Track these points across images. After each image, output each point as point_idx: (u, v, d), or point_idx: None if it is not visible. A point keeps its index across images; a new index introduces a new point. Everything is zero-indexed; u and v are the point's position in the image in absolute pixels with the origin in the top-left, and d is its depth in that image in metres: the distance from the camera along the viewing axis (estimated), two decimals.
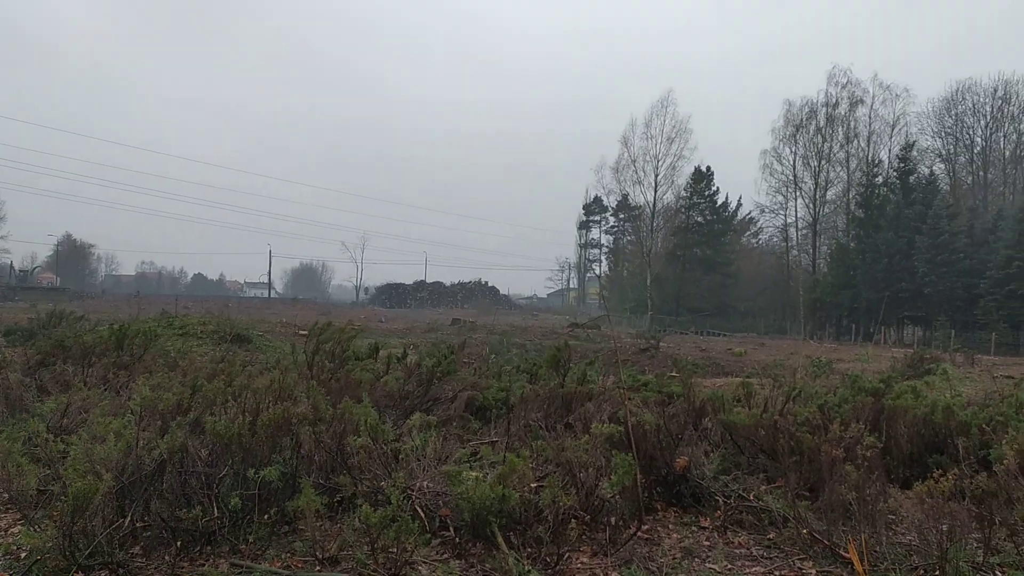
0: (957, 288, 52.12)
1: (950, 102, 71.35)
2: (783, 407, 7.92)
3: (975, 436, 7.52)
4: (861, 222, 62.43)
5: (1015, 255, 46.90)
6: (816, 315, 66.76)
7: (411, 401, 8.73)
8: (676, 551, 5.52)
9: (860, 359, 30.81)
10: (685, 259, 75.46)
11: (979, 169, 72.42)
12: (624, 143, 71.72)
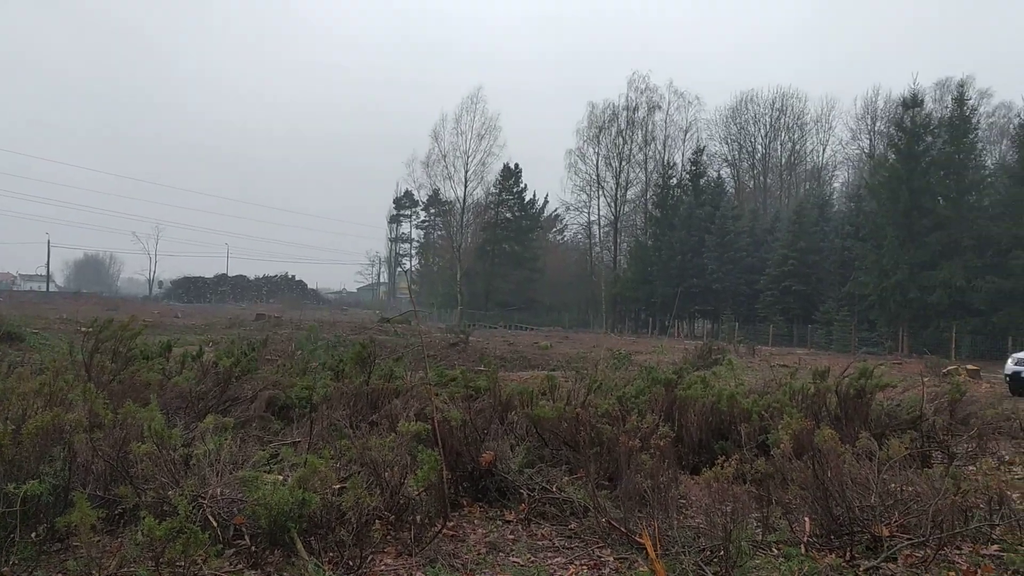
0: (741, 284, 56.45)
1: (735, 111, 77.26)
2: (585, 400, 8.17)
3: (755, 422, 8.10)
4: (658, 221, 66.09)
5: (790, 254, 51.38)
6: (617, 309, 70.01)
7: (206, 402, 8.23)
8: (481, 546, 5.53)
9: (656, 351, 32.58)
10: (494, 254, 76.78)
11: (760, 174, 78.90)
12: (435, 138, 71.84)
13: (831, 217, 55.39)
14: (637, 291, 64.60)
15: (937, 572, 4.92)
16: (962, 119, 42.51)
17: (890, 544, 5.25)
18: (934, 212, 41.12)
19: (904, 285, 40.80)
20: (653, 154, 73.59)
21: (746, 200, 71.63)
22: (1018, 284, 37.32)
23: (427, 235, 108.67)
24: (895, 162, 43.19)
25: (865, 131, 69.73)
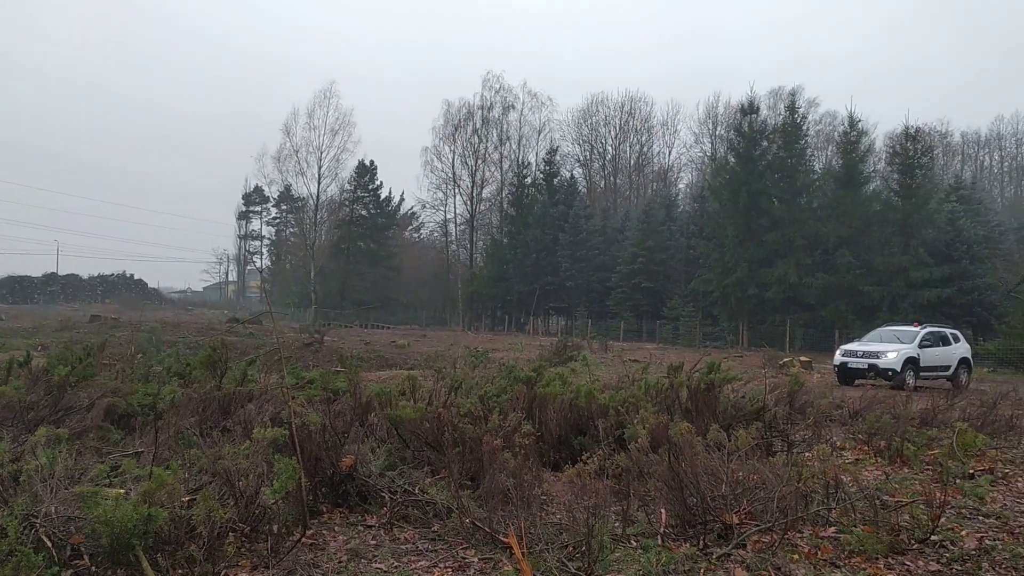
0: (593, 281, 58.06)
1: (586, 112, 79.43)
2: (447, 399, 8.12)
3: (612, 417, 8.30)
4: (513, 219, 66.90)
5: (639, 252, 53.32)
6: (474, 307, 70.40)
7: (37, 413, 7.61)
8: (342, 553, 5.37)
9: (513, 348, 33.00)
10: (349, 252, 75.44)
11: (610, 175, 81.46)
12: (286, 132, 69.72)
13: (677, 217, 57.91)
14: (493, 289, 65.18)
15: (783, 556, 5.17)
16: (794, 126, 45.49)
17: (740, 531, 5.49)
18: (770, 213, 43.75)
19: (744, 282, 43.18)
20: (508, 153, 74.50)
21: (598, 200, 73.76)
22: (843, 280, 40.29)
23: (279, 232, 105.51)
24: (735, 165, 45.65)
25: (707, 135, 73.40)
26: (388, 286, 76.31)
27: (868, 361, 20.54)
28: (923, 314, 34.80)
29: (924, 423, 11.03)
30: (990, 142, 77.00)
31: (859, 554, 5.27)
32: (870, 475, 8.17)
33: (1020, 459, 9.39)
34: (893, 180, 43.33)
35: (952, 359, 21.81)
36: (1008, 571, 5.20)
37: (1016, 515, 6.76)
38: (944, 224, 41.88)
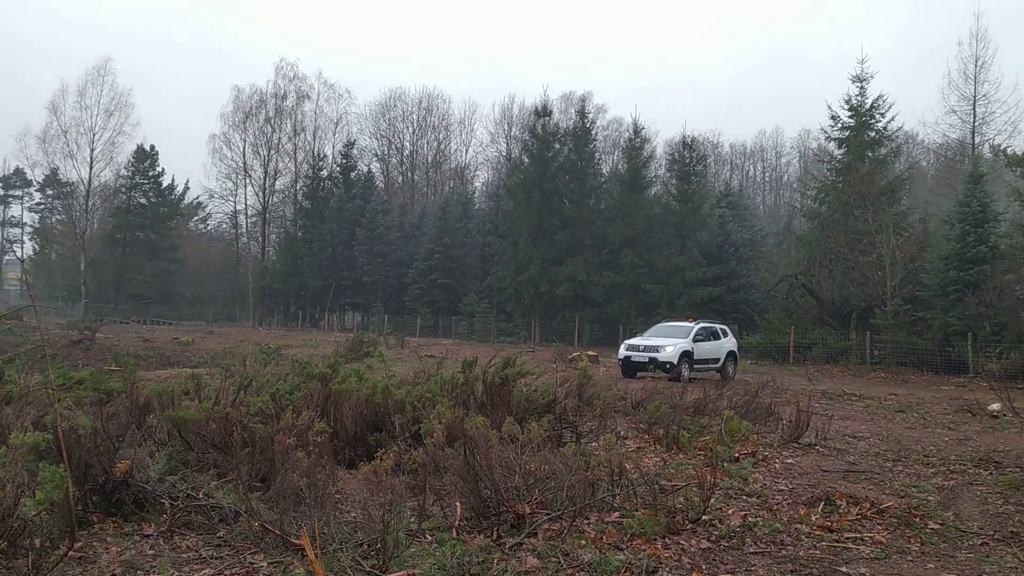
0: (390, 277, 57.70)
1: (384, 107, 78.75)
2: (235, 398, 7.75)
3: (409, 413, 8.29)
4: (308, 213, 65.02)
5: (436, 249, 53.59)
6: (265, 302, 67.80)
7: None
8: (116, 565, 4.99)
9: (308, 344, 32.11)
10: (126, 243, 70.15)
11: (408, 170, 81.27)
12: (53, 111, 63.61)
13: (474, 215, 58.78)
14: (287, 283, 63.07)
15: (571, 542, 5.39)
16: (583, 130, 47.59)
17: (532, 520, 5.66)
18: (561, 213, 45.44)
19: (536, 279, 44.58)
20: (303, 144, 72.43)
21: (395, 195, 73.35)
22: (628, 279, 42.66)
23: (43, 219, 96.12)
24: (529, 166, 46.99)
25: (503, 135, 75.03)
26: (171, 279, 71.74)
27: (649, 355, 21.86)
28: (697, 311, 37.57)
29: (697, 412, 11.91)
30: (754, 154, 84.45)
31: (640, 536, 5.59)
32: (650, 462, 8.70)
33: (778, 442, 10.36)
34: (672, 185, 46.44)
35: (721, 352, 23.69)
36: (767, 544, 5.71)
37: (774, 493, 7.46)
38: (715, 228, 45.44)
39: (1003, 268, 26.82)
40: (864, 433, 12.14)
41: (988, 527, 6.45)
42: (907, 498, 7.35)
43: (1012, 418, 14.30)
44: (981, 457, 9.85)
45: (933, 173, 54.82)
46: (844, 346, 30.68)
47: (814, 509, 6.72)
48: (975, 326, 26.30)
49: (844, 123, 36.33)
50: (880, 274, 30.48)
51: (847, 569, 5.17)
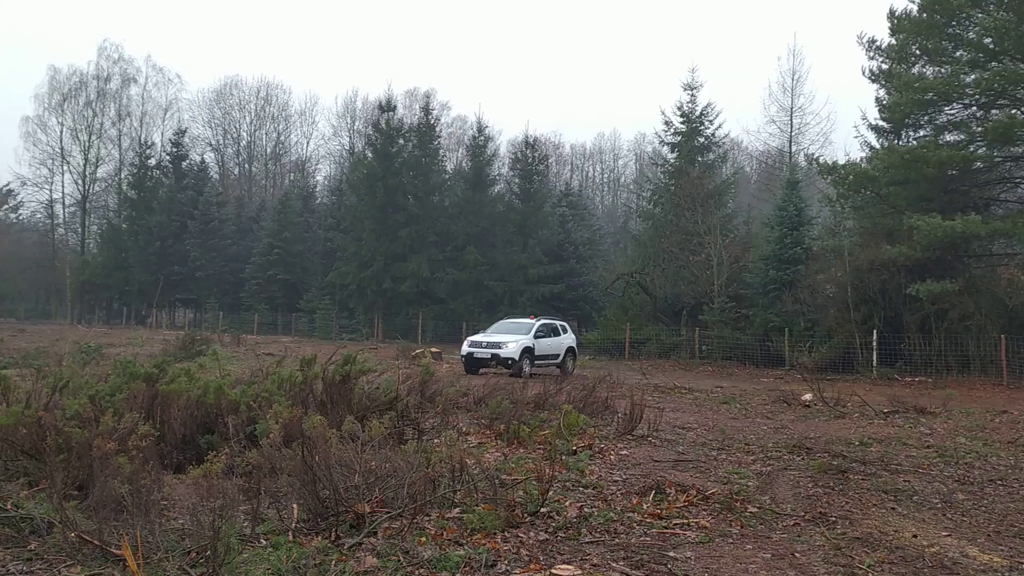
0: (226, 272, 55.37)
1: (219, 95, 75.49)
2: (49, 401, 7.19)
3: (244, 413, 7.98)
4: (134, 203, 61.30)
5: (275, 243, 51.92)
6: (85, 298, 63.41)
7: None
8: None
9: (133, 343, 30.29)
10: None
11: (245, 162, 78.28)
12: None
13: (315, 209, 57.39)
14: (110, 278, 59.22)
15: (411, 540, 5.36)
16: (428, 127, 47.54)
17: (372, 520, 5.58)
18: (405, 209, 45.19)
19: (379, 275, 44.12)
20: (129, 131, 68.33)
21: (232, 187, 70.49)
22: (471, 276, 43.00)
23: None
24: (372, 160, 46.41)
25: (346, 129, 73.81)
26: None
27: (491, 351, 22.12)
28: (538, 308, 38.42)
29: (537, 407, 12.16)
30: (593, 155, 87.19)
31: (480, 531, 5.64)
32: (492, 457, 8.79)
33: (613, 435, 10.74)
34: (515, 184, 47.22)
35: (561, 348, 24.33)
36: (602, 534, 5.90)
37: (609, 484, 7.72)
38: (556, 227, 46.60)
39: (815, 268, 29.02)
40: (693, 424, 12.78)
41: (800, 509, 6.96)
42: (730, 484, 7.80)
43: (822, 407, 15.53)
44: (794, 444, 10.61)
45: (756, 178, 58.59)
46: (676, 341, 32.26)
47: (645, 498, 7.01)
48: (791, 322, 28.33)
49: (676, 128, 38.22)
50: (708, 273, 32.24)
51: (674, 554, 5.42)
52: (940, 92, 25.44)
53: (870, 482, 8.20)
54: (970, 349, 24.28)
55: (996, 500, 7.58)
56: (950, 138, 27.47)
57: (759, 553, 5.55)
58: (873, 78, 28.99)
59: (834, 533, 6.15)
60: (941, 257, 25.15)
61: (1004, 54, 24.38)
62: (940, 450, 10.44)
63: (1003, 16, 23.79)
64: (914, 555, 5.61)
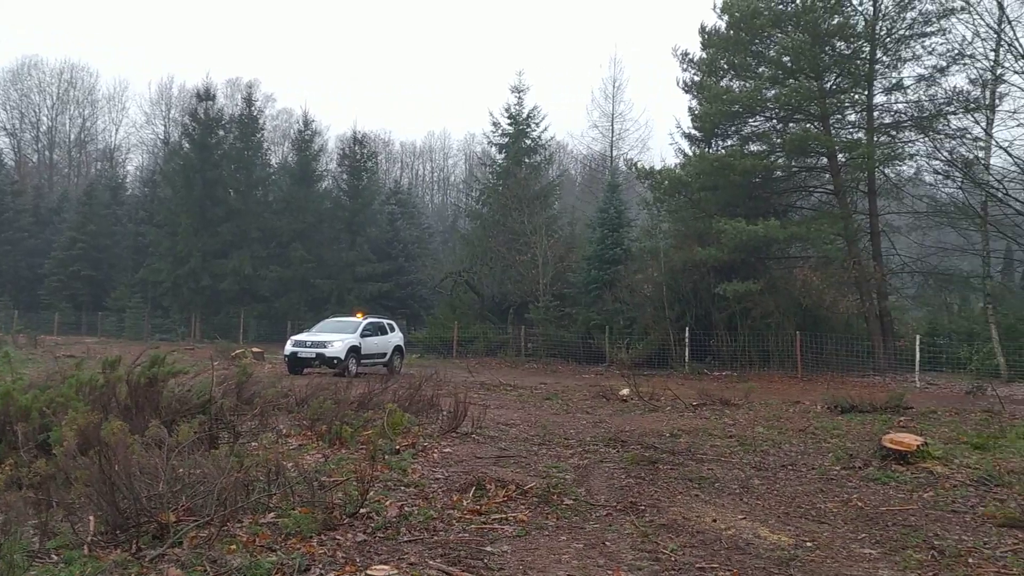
0: (22, 268, 50.80)
1: (16, 75, 69.17)
2: None
3: (36, 420, 7.36)
4: None
5: (79, 237, 48.17)
6: None
7: None
8: None
9: None
10: None
11: (45, 148, 72.08)
12: None
13: (125, 201, 53.80)
14: None
15: (220, 548, 5.14)
16: (251, 118, 45.84)
17: (177, 529, 5.30)
18: (226, 203, 43.32)
19: (197, 272, 42.05)
20: None
21: (29, 176, 64.71)
22: (297, 273, 41.84)
23: None
24: (190, 151, 44.14)
25: (160, 117, 69.61)
26: None
27: (316, 351, 21.61)
28: (366, 306, 37.84)
29: (361, 406, 11.97)
30: (424, 153, 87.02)
31: (295, 535, 5.49)
32: (312, 459, 8.58)
33: (438, 433, 10.77)
34: (343, 180, 46.35)
35: (388, 347, 24.13)
36: (421, 532, 5.90)
37: (431, 482, 7.73)
38: (385, 224, 46.17)
39: (634, 268, 30.40)
40: (516, 420, 13.04)
41: (613, 499, 7.26)
42: (548, 478, 8.01)
43: (637, 401, 16.29)
44: (611, 437, 11.06)
45: (581, 181, 60.60)
46: (502, 339, 32.83)
47: (466, 495, 7.08)
48: (612, 320, 29.51)
49: (504, 130, 38.91)
50: (534, 272, 33.01)
51: (491, 548, 5.51)
52: (745, 105, 27.34)
53: (677, 471, 8.69)
54: (770, 345, 26.23)
55: (787, 484, 8.24)
56: (754, 148, 29.61)
57: (572, 544, 5.74)
58: (686, 89, 30.72)
59: (642, 521, 6.46)
60: (746, 259, 27.00)
61: (800, 72, 26.50)
62: (741, 439, 11.22)
63: (799, 37, 25.88)
64: (712, 538, 5.99)
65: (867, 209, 28.48)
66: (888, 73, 27.78)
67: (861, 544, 5.97)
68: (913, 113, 27.67)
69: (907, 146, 27.82)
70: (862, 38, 26.88)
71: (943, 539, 6.07)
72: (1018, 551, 5.78)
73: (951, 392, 20.13)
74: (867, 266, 27.00)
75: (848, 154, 26.98)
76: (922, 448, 9.09)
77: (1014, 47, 21.95)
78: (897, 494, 7.75)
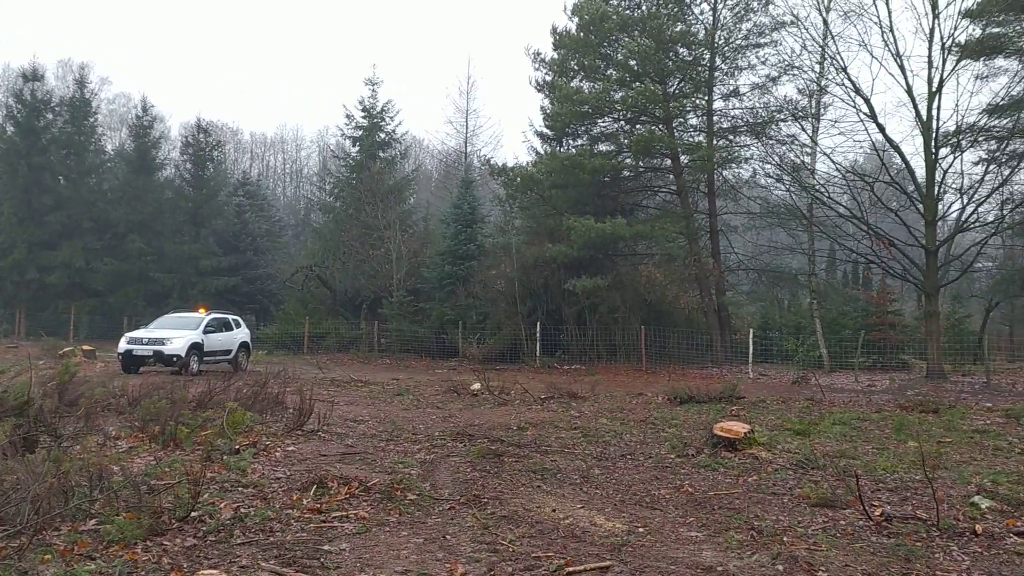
0: None
1: None
2: None
3: None
4: None
5: None
6: None
7: None
8: None
9: None
10: None
11: None
12: None
13: None
14: None
15: (33, 558, 4.80)
16: (83, 101, 42.91)
17: None
18: (54, 191, 40.41)
19: (22, 265, 39.04)
20: None
21: None
22: (134, 266, 39.60)
23: None
24: (14, 135, 40.83)
25: None
26: None
27: (154, 348, 20.50)
28: (212, 301, 36.30)
29: (200, 406, 11.48)
30: (275, 144, 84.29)
31: (119, 542, 5.19)
32: (143, 462, 8.15)
33: (282, 431, 10.48)
34: (186, 170, 44.18)
35: (234, 343, 23.23)
36: (257, 533, 5.72)
37: (271, 482, 7.52)
38: (233, 216, 44.44)
39: (487, 264, 30.69)
40: (365, 417, 12.89)
41: (457, 493, 7.30)
42: (394, 474, 7.97)
43: (488, 396, 16.45)
44: (459, 432, 11.13)
45: (437, 177, 60.49)
46: (355, 335, 32.34)
47: (307, 493, 6.92)
48: (465, 315, 29.65)
49: (358, 123, 38.30)
50: (388, 267, 32.70)
51: (329, 547, 5.42)
52: (594, 106, 28.12)
53: (522, 464, 8.84)
54: (617, 339, 27.14)
55: (625, 473, 8.55)
56: (603, 148, 30.54)
57: (413, 539, 5.73)
58: (539, 88, 31.30)
59: (484, 514, 6.53)
60: (594, 256, 27.81)
61: (646, 76, 27.52)
62: (585, 431, 11.54)
63: (645, 42, 26.86)
64: (550, 528, 6.14)
65: (707, 209, 29.98)
66: (726, 80, 29.37)
67: (689, 528, 6.28)
68: (748, 119, 29.37)
69: (743, 150, 29.55)
70: (703, 46, 28.24)
71: (762, 519, 6.47)
72: (827, 528, 6.25)
73: (780, 382, 21.51)
74: (706, 263, 28.41)
75: (690, 156, 28.30)
76: (749, 435, 9.66)
77: (836, 60, 23.61)
78: (724, 479, 8.20)
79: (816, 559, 5.41)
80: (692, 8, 29.46)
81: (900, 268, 24.05)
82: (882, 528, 6.19)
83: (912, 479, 8.01)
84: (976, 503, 6.93)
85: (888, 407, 14.97)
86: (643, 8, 28.66)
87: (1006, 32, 23.46)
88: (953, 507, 6.87)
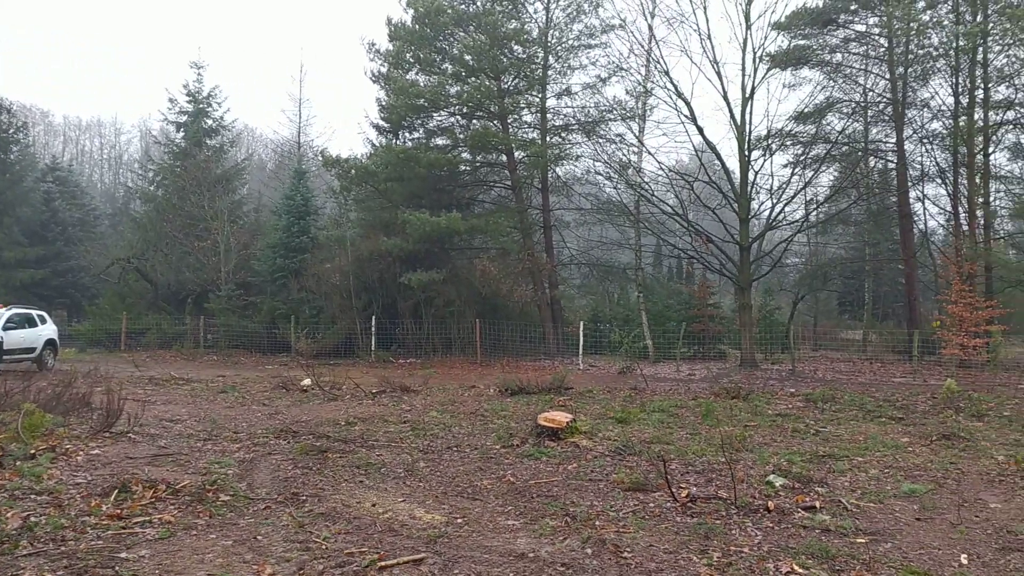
0: None
1: None
2: None
3: None
4: None
5: None
6: None
7: None
8: None
9: None
10: None
11: None
12: None
13: None
14: None
15: None
16: None
17: None
18: None
19: None
20: None
21: None
22: None
23: None
24: None
25: None
26: None
27: None
28: (17, 295, 33.49)
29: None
30: (91, 127, 78.74)
31: None
32: None
33: (87, 433, 9.78)
34: None
35: (39, 341, 21.48)
36: (47, 543, 5.31)
37: (69, 487, 6.99)
38: (40, 204, 41.15)
39: (321, 257, 29.94)
40: (183, 416, 12.26)
41: (275, 492, 7.07)
42: (208, 475, 7.61)
43: (318, 391, 16.07)
44: (283, 428, 10.79)
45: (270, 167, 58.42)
46: (179, 331, 30.70)
47: (107, 499, 6.49)
48: (298, 310, 28.84)
49: (182, 108, 36.34)
50: (215, 260, 31.29)
51: (127, 554, 5.10)
52: (430, 99, 28.05)
53: (347, 459, 8.69)
54: (452, 332, 27.23)
55: (450, 465, 8.58)
56: (440, 142, 30.51)
57: (221, 541, 5.49)
58: (375, 79, 30.84)
59: (301, 512, 6.36)
60: (430, 250, 27.76)
61: (481, 71, 27.73)
62: (414, 424, 11.50)
63: (479, 38, 27.06)
64: (368, 523, 6.06)
65: (541, 204, 30.64)
66: (559, 79, 30.11)
67: (507, 517, 6.37)
68: (580, 118, 30.24)
69: (575, 147, 30.37)
70: (536, 44, 28.80)
71: (577, 505, 6.67)
72: (637, 511, 6.52)
73: (607, 373, 22.31)
74: (540, 258, 29.04)
75: (524, 152, 28.79)
76: (571, 424, 9.95)
77: (660, 64, 24.75)
78: (546, 468, 8.39)
79: (623, 541, 5.63)
80: (526, 7, 29.96)
81: (718, 263, 25.50)
82: (687, 508, 6.54)
83: (719, 462, 8.49)
84: (771, 481, 7.46)
85: (704, 395, 15.85)
86: (478, 4, 28.84)
87: (811, 45, 25.40)
88: (752, 486, 7.35)
